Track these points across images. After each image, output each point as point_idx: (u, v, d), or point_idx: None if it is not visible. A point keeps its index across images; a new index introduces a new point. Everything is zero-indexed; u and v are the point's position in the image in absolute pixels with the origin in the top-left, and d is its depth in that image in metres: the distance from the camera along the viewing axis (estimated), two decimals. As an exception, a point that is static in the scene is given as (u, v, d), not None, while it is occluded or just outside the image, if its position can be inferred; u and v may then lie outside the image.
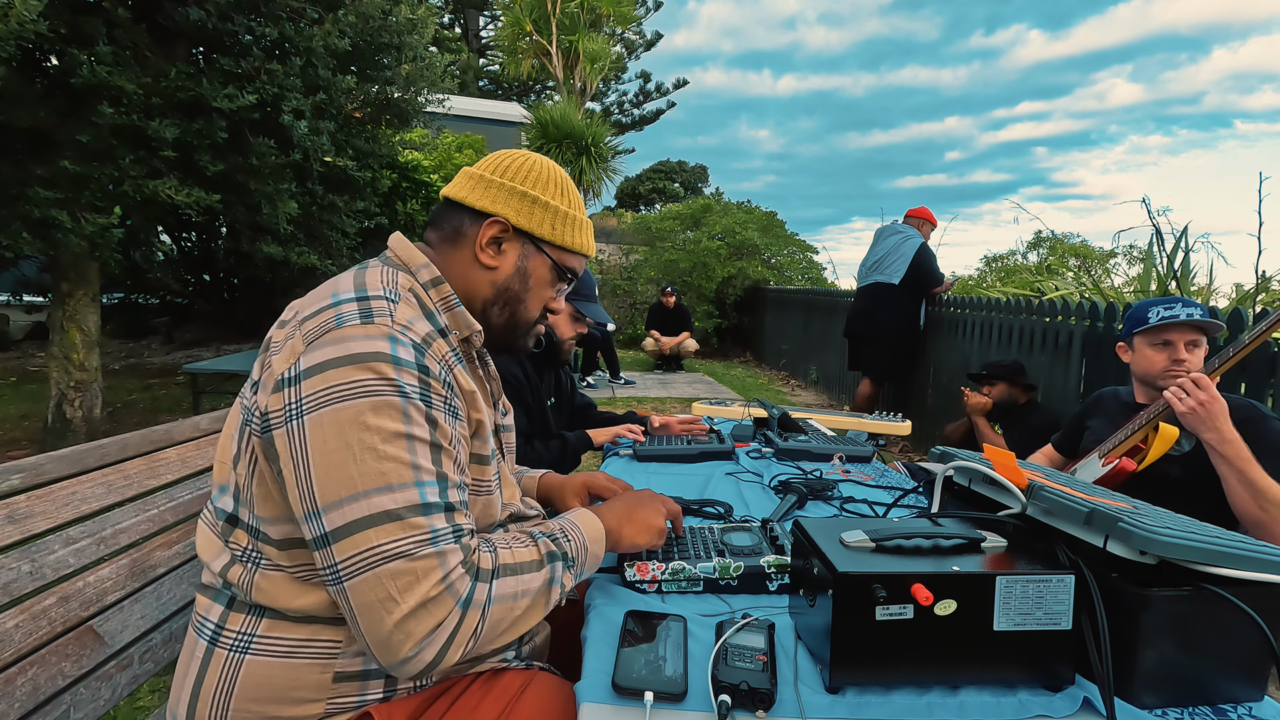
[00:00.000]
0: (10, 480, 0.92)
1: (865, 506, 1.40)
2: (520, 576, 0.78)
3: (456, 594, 0.71)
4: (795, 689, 0.73)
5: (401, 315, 0.78)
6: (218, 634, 0.78)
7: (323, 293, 0.81)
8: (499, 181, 0.91)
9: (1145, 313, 1.71)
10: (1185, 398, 1.45)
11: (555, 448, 1.78)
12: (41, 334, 7.87)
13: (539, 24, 10.84)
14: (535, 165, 0.93)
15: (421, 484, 0.72)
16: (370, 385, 0.71)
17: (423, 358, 0.76)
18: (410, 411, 0.72)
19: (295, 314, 0.80)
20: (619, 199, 23.99)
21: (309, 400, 0.71)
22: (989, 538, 0.80)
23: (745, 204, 11.32)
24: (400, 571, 0.68)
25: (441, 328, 0.85)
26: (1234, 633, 0.71)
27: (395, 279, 0.84)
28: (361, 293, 0.79)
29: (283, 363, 0.75)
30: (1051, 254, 8.59)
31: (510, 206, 0.90)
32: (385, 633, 0.68)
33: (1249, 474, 1.37)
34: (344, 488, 0.69)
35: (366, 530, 0.68)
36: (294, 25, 4.18)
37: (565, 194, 0.94)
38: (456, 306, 0.88)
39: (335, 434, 0.70)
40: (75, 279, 4.20)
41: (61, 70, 3.53)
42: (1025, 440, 2.36)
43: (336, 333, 0.73)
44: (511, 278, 0.92)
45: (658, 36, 19.76)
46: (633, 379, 7.27)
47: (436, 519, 0.71)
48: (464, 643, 0.71)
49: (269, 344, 0.80)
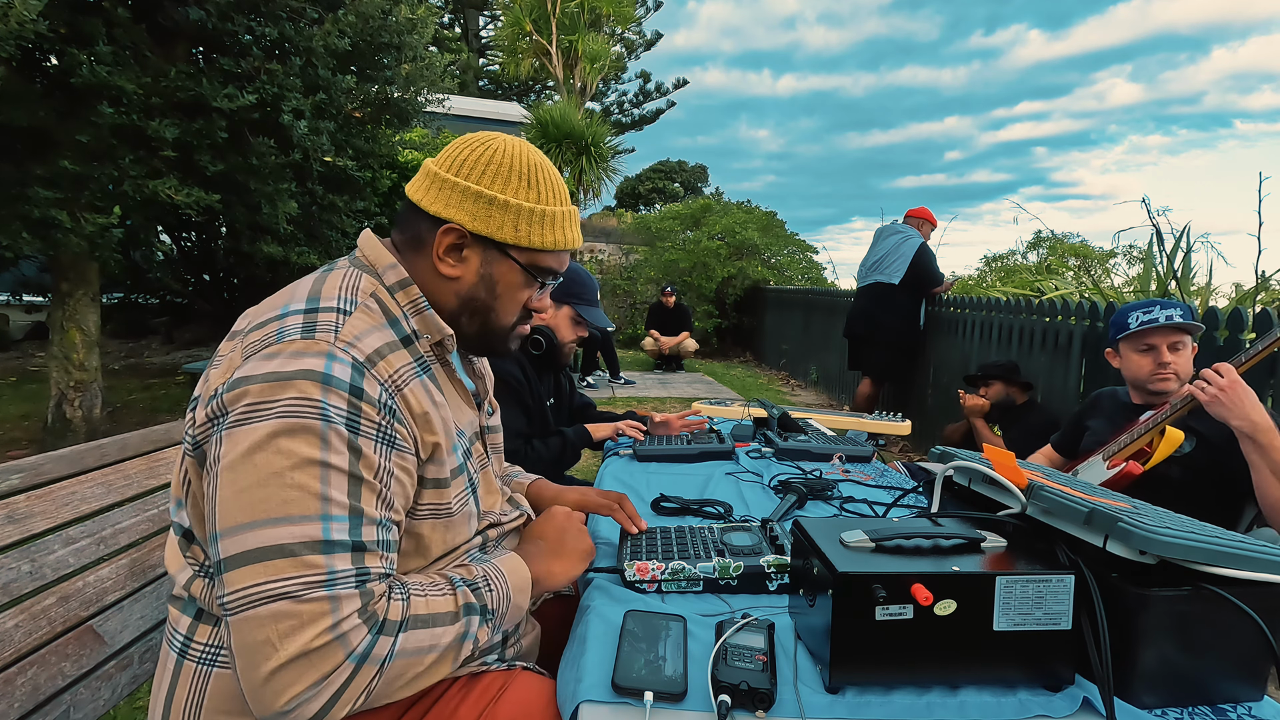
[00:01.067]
0: (10, 480, 0.92)
1: (865, 506, 1.40)
2: (432, 630, 0.72)
3: (349, 646, 0.64)
4: (795, 689, 0.73)
5: (351, 329, 0.73)
6: (186, 646, 0.77)
7: (277, 301, 0.76)
8: (453, 181, 0.82)
9: (1126, 318, 1.71)
10: (1207, 386, 1.45)
11: (555, 444, 1.78)
12: (41, 334, 7.86)
13: (539, 24, 10.84)
14: (496, 156, 0.83)
15: (328, 518, 0.66)
16: (290, 405, 0.66)
17: (361, 379, 0.70)
18: (330, 437, 0.67)
19: (246, 324, 0.75)
20: (619, 199, 24.00)
21: (230, 416, 0.67)
22: (989, 538, 0.80)
23: (745, 204, 11.32)
24: (283, 614, 0.62)
25: (408, 334, 0.80)
26: (1234, 633, 0.71)
27: (357, 284, 0.79)
28: (313, 303, 0.74)
29: (219, 377, 0.71)
30: (1051, 254, 8.59)
31: (465, 210, 0.81)
32: (258, 681, 0.62)
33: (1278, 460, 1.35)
34: (245, 513, 0.65)
35: (255, 564, 0.63)
36: (294, 25, 4.18)
37: (533, 186, 0.84)
38: (426, 310, 0.83)
39: (246, 455, 0.65)
40: (75, 279, 4.20)
41: (61, 70, 3.53)
42: (1024, 440, 2.37)
43: (274, 347, 0.69)
44: (476, 286, 0.85)
45: (658, 36, 19.77)
46: (632, 379, 7.27)
47: (338, 559, 0.65)
48: (352, 699, 0.65)
49: (215, 357, 0.76)
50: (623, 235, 12.24)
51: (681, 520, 1.28)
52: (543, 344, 1.80)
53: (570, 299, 1.85)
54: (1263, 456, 1.37)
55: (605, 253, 12.09)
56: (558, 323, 1.86)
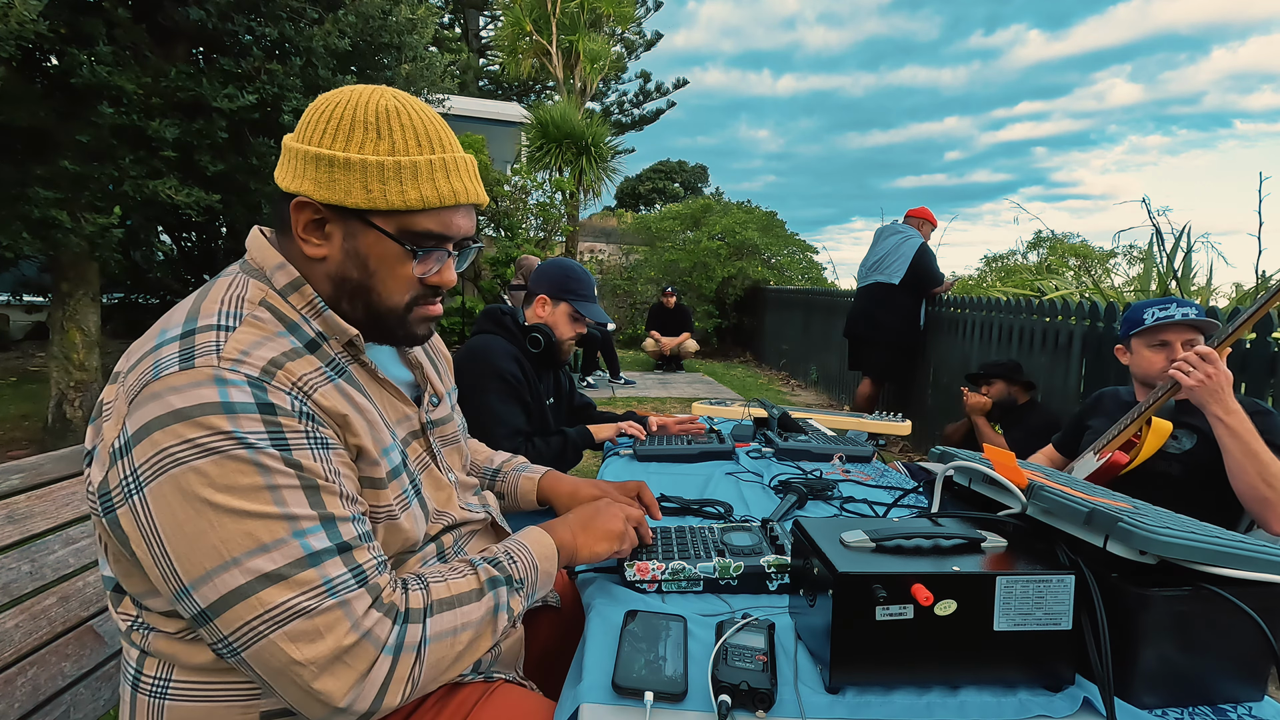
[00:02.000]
0: (10, 480, 0.92)
1: (865, 506, 1.40)
2: (459, 610, 0.72)
3: (378, 640, 0.65)
4: (795, 689, 0.73)
5: (234, 346, 0.66)
6: (138, 679, 0.74)
7: (151, 333, 0.70)
8: (297, 148, 0.72)
9: (1141, 314, 1.71)
10: (1192, 370, 1.45)
11: (555, 443, 1.78)
12: (41, 334, 7.86)
13: (539, 24, 10.84)
14: (338, 110, 0.72)
15: (302, 533, 0.63)
16: (205, 443, 0.61)
17: (264, 394, 0.65)
18: (263, 461, 0.63)
19: (126, 364, 0.69)
20: (619, 199, 24.00)
21: (144, 470, 0.62)
22: (989, 538, 0.80)
23: (745, 204, 11.33)
24: (300, 632, 0.61)
25: (312, 338, 0.74)
26: (1234, 633, 0.71)
27: (243, 294, 0.72)
28: (190, 325, 0.67)
29: (111, 429, 0.65)
30: (1051, 254, 8.59)
31: (309, 178, 0.71)
32: (304, 695, 0.62)
33: (1253, 446, 1.36)
34: (208, 559, 0.61)
35: (248, 599, 0.61)
36: (294, 25, 4.18)
37: (385, 135, 0.71)
38: (324, 310, 0.75)
39: (181, 504, 0.61)
40: (75, 279, 4.20)
41: (61, 70, 3.53)
42: (1025, 440, 2.37)
43: (154, 386, 0.63)
44: (344, 265, 0.75)
45: (658, 36, 19.76)
46: (633, 379, 7.27)
47: (330, 567, 0.64)
48: (401, 688, 0.66)
49: (100, 407, 0.69)
50: (623, 235, 12.24)
51: (682, 520, 1.28)
52: (541, 341, 1.80)
53: (567, 295, 1.85)
54: (1235, 441, 1.39)
55: (605, 253, 12.09)
56: (555, 320, 1.86)
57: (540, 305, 1.86)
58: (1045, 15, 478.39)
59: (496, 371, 1.71)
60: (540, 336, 1.80)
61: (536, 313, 1.87)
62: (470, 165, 0.78)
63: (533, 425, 1.78)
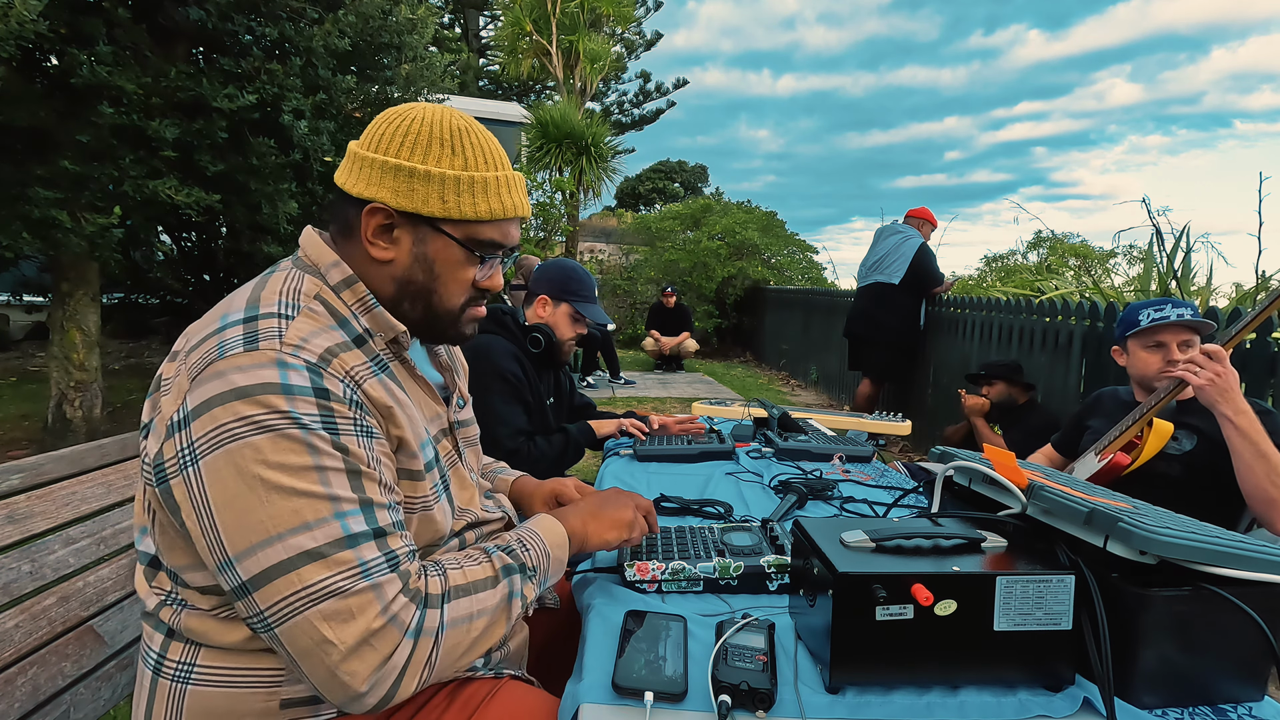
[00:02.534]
0: (10, 480, 0.92)
1: (865, 506, 1.40)
2: (474, 596, 0.74)
3: (402, 625, 0.66)
4: (795, 689, 0.73)
5: (295, 333, 0.70)
6: (160, 664, 0.75)
7: (212, 316, 0.73)
8: (371, 157, 0.78)
9: (1136, 315, 1.71)
10: (1201, 370, 1.45)
11: (558, 441, 1.78)
12: (41, 334, 7.86)
13: (539, 24, 10.84)
14: (414, 125, 0.78)
15: (342, 515, 0.66)
16: (263, 420, 0.65)
17: (320, 379, 0.69)
18: (314, 442, 0.66)
19: (186, 343, 0.72)
20: (619, 199, 23.98)
21: (200, 444, 0.65)
22: (989, 538, 0.80)
23: (745, 204, 11.32)
24: (334, 611, 0.64)
25: (360, 334, 0.78)
26: (1234, 633, 0.71)
27: (299, 286, 0.76)
28: (251, 311, 0.71)
29: (171, 404, 0.68)
30: (1051, 254, 8.59)
31: (386, 187, 0.77)
32: (327, 675, 0.64)
33: (1262, 446, 1.36)
34: (255, 533, 0.64)
35: (288, 574, 0.63)
36: (294, 25, 4.18)
37: (458, 152, 0.78)
38: (375, 307, 0.80)
39: (235, 478, 0.64)
40: (75, 279, 4.20)
41: (61, 70, 3.53)
42: (1025, 440, 2.36)
43: (219, 364, 0.67)
44: (411, 268, 0.81)
45: (658, 36, 19.75)
46: (633, 379, 7.27)
47: (365, 549, 0.67)
48: (418, 673, 0.68)
49: (159, 381, 0.72)
50: (623, 235, 12.24)
51: (682, 520, 1.28)
52: (542, 342, 1.81)
53: (568, 296, 1.85)
54: (1244, 441, 1.39)
55: (605, 253, 12.09)
56: (556, 320, 1.86)
57: (541, 305, 1.87)
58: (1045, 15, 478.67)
59: (498, 371, 1.71)
60: (541, 336, 1.81)
61: (537, 313, 1.87)
62: (521, 182, 0.86)
63: (533, 425, 1.78)
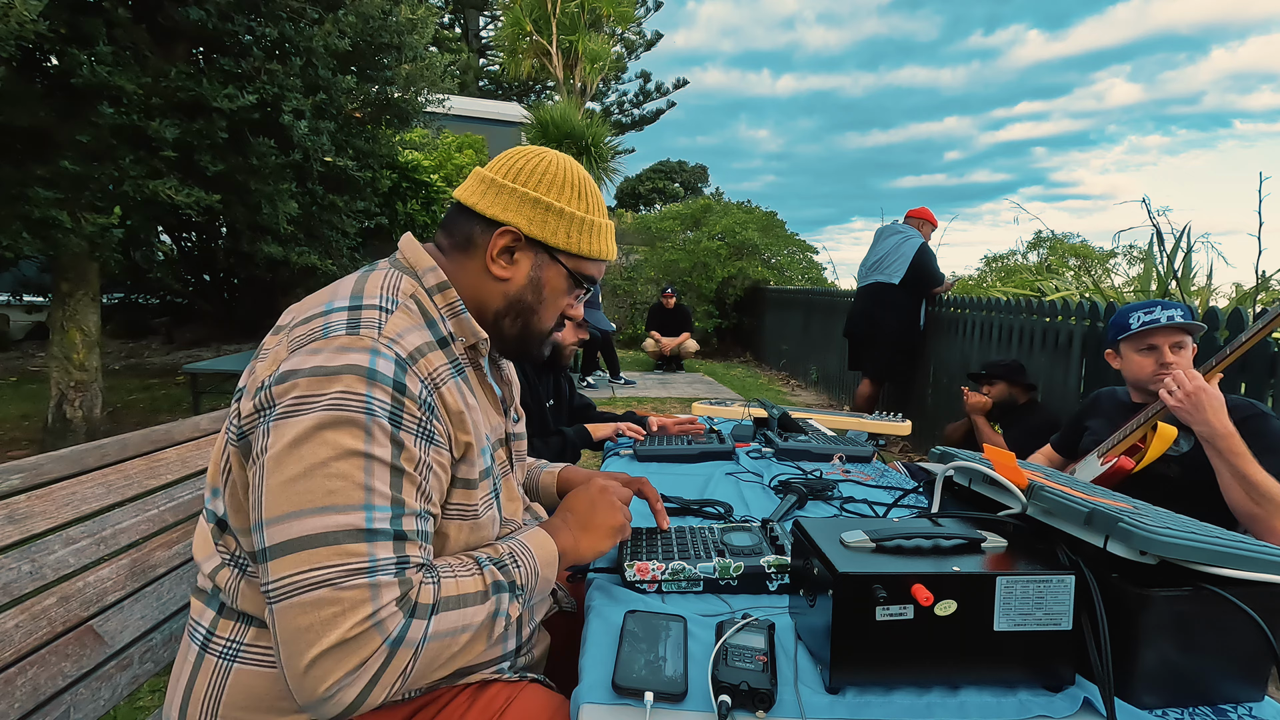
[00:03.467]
0: (10, 480, 0.92)
1: (865, 506, 1.40)
2: (464, 610, 0.73)
3: (385, 631, 0.66)
4: (795, 689, 0.73)
5: (393, 327, 0.75)
6: (209, 640, 0.78)
7: (320, 298, 0.79)
8: (511, 187, 0.86)
9: (1126, 319, 1.71)
10: (1175, 390, 1.46)
11: (555, 443, 1.78)
12: (41, 334, 7.86)
13: (539, 24, 10.84)
14: (551, 167, 0.88)
15: (371, 507, 0.68)
16: (337, 399, 0.68)
17: (404, 375, 0.73)
18: (374, 430, 0.69)
19: (291, 319, 0.78)
20: (619, 199, 23.98)
21: (278, 407, 0.69)
22: (989, 538, 0.80)
23: (745, 204, 11.31)
24: (325, 601, 0.64)
25: (444, 336, 0.82)
26: (1234, 633, 0.71)
27: (398, 284, 0.81)
28: (356, 300, 0.77)
29: (265, 369, 0.73)
30: (1051, 254, 8.59)
31: (523, 215, 0.85)
32: (301, 668, 0.64)
33: (1241, 467, 1.37)
34: (289, 503, 0.66)
35: (300, 552, 0.65)
36: (294, 25, 4.18)
37: (583, 197, 0.89)
38: (462, 313, 0.85)
39: (292, 446, 0.67)
40: (75, 279, 4.20)
41: (61, 70, 3.53)
42: (1025, 440, 2.36)
43: (320, 342, 0.72)
44: (525, 289, 0.88)
45: (658, 36, 19.76)
46: (633, 379, 7.27)
47: (380, 547, 0.67)
48: (390, 683, 0.67)
49: (260, 350, 0.78)
50: (623, 235, 12.23)
51: (682, 520, 1.28)
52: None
53: None
54: (1223, 462, 1.39)
55: (605, 253, 12.05)
56: (557, 324, 1.86)
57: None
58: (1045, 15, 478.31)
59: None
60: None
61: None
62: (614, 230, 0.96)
63: (532, 427, 1.78)
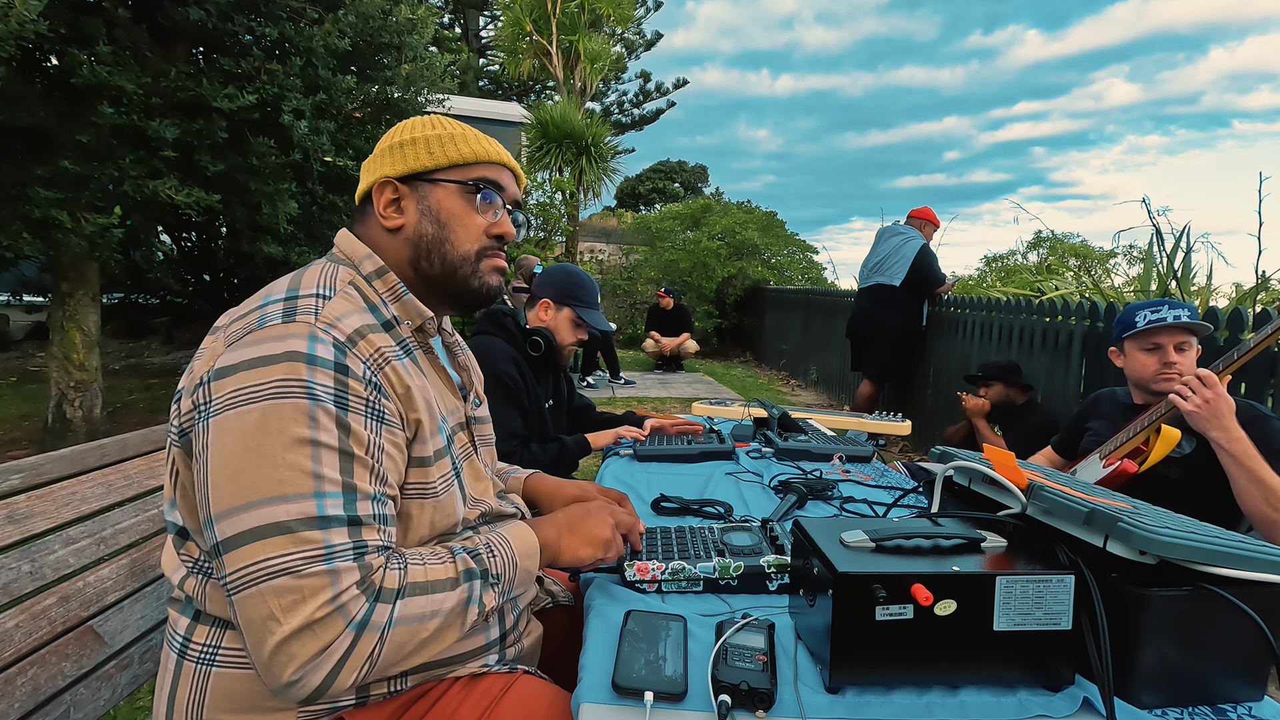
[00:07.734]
0: (10, 480, 0.92)
1: (865, 506, 1.40)
2: (431, 596, 0.73)
3: (348, 615, 0.66)
4: (795, 689, 0.73)
5: (331, 311, 0.75)
6: (185, 647, 0.78)
7: (256, 297, 0.79)
8: (373, 152, 0.90)
9: (1132, 317, 1.71)
10: (1191, 395, 1.45)
11: (552, 450, 1.77)
12: (41, 334, 7.86)
13: (539, 24, 10.83)
14: (405, 123, 0.91)
15: (321, 494, 0.67)
16: (278, 387, 0.68)
17: (344, 357, 0.72)
18: (318, 415, 0.69)
19: (228, 319, 0.77)
20: (619, 199, 23.99)
21: (216, 402, 0.69)
22: (989, 538, 0.80)
23: (745, 204, 11.32)
24: (285, 589, 0.64)
25: (388, 319, 0.83)
26: (1234, 633, 0.71)
27: (335, 275, 0.82)
28: (292, 292, 0.77)
29: (202, 366, 0.73)
30: (1051, 254, 8.59)
31: (385, 163, 0.88)
32: (267, 654, 0.65)
33: (1258, 472, 1.37)
34: (238, 495, 0.66)
35: (254, 543, 0.65)
36: (294, 25, 4.17)
37: (435, 125, 0.90)
38: (404, 295, 0.86)
39: (236, 438, 0.67)
40: (75, 279, 4.19)
41: (61, 70, 3.53)
42: (1025, 441, 2.37)
43: (256, 333, 0.71)
44: (420, 224, 0.88)
45: (658, 36, 19.74)
46: (633, 379, 7.27)
47: (335, 533, 0.67)
48: (357, 667, 0.67)
49: (199, 351, 0.77)
50: (623, 235, 12.24)
51: (682, 520, 1.28)
52: (542, 345, 1.81)
53: (570, 301, 1.85)
54: (1238, 467, 1.39)
55: (605, 253, 12.08)
56: (557, 325, 1.86)
57: (543, 309, 1.87)
58: (1043, 15, 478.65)
59: (495, 373, 1.70)
60: (541, 340, 1.81)
61: (539, 316, 1.87)
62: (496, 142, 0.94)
63: (530, 429, 1.78)
